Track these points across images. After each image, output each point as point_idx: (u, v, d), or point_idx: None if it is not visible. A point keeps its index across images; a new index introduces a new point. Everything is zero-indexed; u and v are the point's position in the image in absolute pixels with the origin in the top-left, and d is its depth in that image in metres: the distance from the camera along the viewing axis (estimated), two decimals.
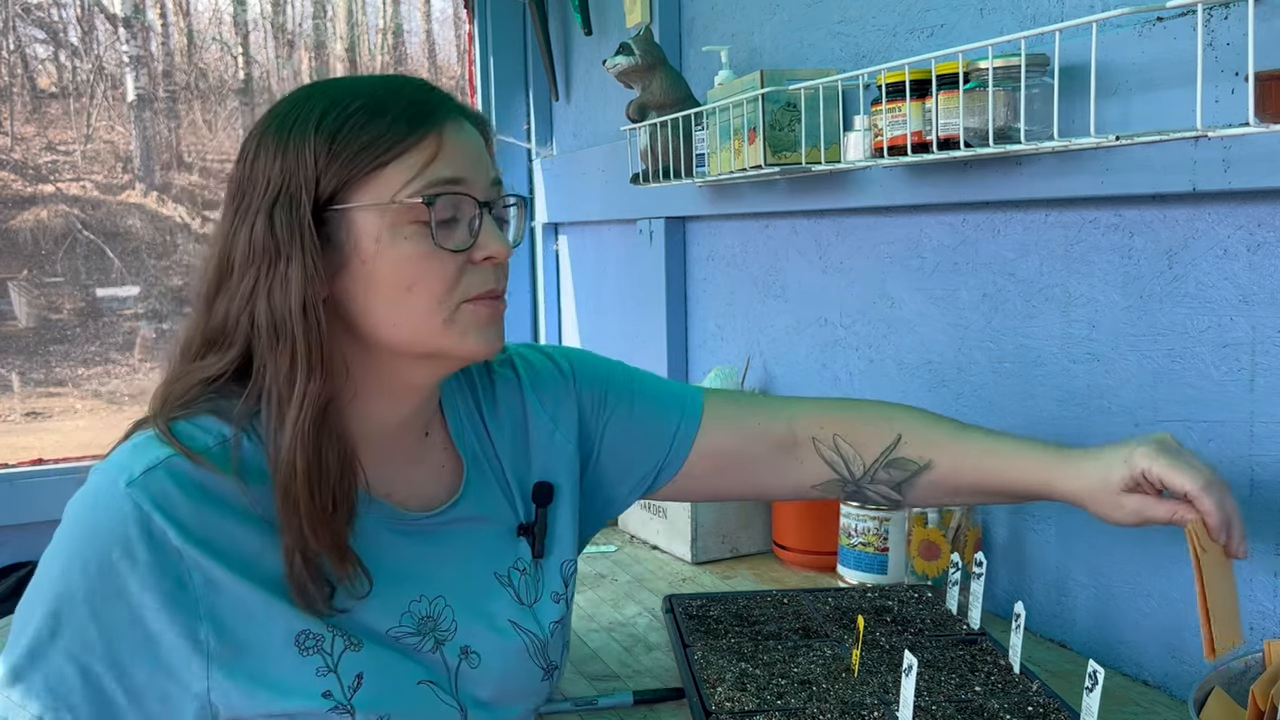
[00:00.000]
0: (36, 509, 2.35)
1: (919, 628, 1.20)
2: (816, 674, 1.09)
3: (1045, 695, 1.02)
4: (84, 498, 0.86)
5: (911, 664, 0.90)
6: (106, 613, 0.83)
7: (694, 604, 1.30)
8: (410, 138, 0.88)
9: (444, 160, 0.89)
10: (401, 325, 0.90)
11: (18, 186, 2.58)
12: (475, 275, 0.91)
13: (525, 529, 1.05)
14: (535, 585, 1.05)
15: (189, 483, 0.85)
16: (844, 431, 1.11)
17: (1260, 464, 1.07)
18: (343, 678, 0.88)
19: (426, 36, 3.12)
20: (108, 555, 0.83)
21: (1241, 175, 1.00)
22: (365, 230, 0.88)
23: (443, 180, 0.88)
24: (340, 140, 0.87)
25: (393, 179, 0.88)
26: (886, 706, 1.01)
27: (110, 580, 0.83)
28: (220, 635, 0.85)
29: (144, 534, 0.83)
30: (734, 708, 1.01)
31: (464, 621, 0.97)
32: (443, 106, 0.91)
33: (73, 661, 0.83)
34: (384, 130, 0.88)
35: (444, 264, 0.89)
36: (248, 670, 0.85)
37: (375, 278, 0.88)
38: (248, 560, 0.86)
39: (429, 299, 0.89)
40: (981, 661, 1.11)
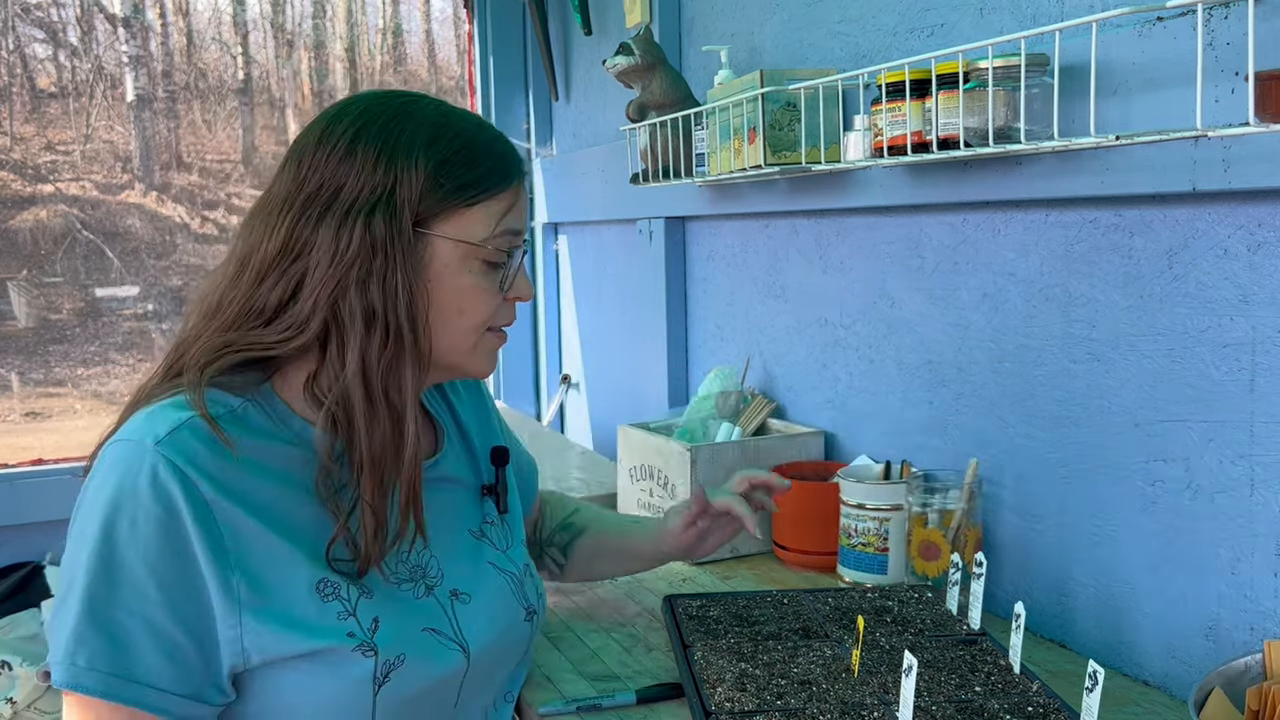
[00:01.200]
0: (36, 509, 2.35)
1: (919, 628, 1.20)
2: (816, 674, 1.09)
3: (1045, 695, 1.02)
4: (115, 463, 0.91)
5: (911, 664, 0.90)
6: (161, 565, 0.89)
7: (694, 604, 1.30)
8: (497, 188, 1.01)
9: (515, 213, 1.03)
10: (440, 340, 1.01)
11: (17, 186, 2.58)
12: (505, 310, 1.05)
13: (489, 489, 1.17)
14: (506, 534, 1.17)
15: (211, 440, 0.92)
16: (550, 501, 1.44)
17: (1260, 464, 1.07)
18: (361, 620, 0.96)
19: (426, 36, 3.12)
20: (151, 510, 0.88)
21: (1241, 175, 1.00)
22: (439, 255, 0.99)
23: (511, 230, 1.02)
24: (444, 173, 0.98)
25: (474, 219, 1.00)
26: (886, 707, 1.01)
27: (159, 534, 0.88)
28: (250, 583, 0.91)
29: (182, 486, 0.89)
30: (734, 708, 1.01)
31: (449, 568, 1.07)
32: (520, 165, 1.05)
33: (134, 616, 0.88)
34: (481, 176, 1.00)
35: (491, 299, 1.02)
36: (276, 614, 0.92)
37: (433, 297, 0.99)
38: (271, 512, 0.93)
39: (471, 325, 1.02)
40: (981, 662, 1.11)
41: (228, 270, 1.01)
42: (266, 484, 0.94)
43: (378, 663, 0.96)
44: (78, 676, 0.87)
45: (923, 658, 1.11)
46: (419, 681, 1.01)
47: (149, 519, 0.88)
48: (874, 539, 1.46)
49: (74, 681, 0.87)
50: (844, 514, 1.49)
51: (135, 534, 0.88)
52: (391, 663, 0.98)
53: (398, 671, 0.98)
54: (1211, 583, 1.13)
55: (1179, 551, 1.16)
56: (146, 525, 0.88)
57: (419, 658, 1.01)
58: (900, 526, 1.44)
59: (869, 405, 1.66)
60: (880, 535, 1.45)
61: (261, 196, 1.03)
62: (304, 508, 0.96)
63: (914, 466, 1.53)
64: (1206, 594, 1.13)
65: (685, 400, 2.17)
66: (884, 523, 1.45)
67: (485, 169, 1.01)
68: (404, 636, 0.99)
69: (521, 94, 2.82)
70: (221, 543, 0.90)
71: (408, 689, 0.99)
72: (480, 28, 2.81)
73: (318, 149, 0.98)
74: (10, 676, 2.14)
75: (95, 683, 0.87)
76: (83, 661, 0.87)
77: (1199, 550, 1.14)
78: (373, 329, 0.95)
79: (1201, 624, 1.14)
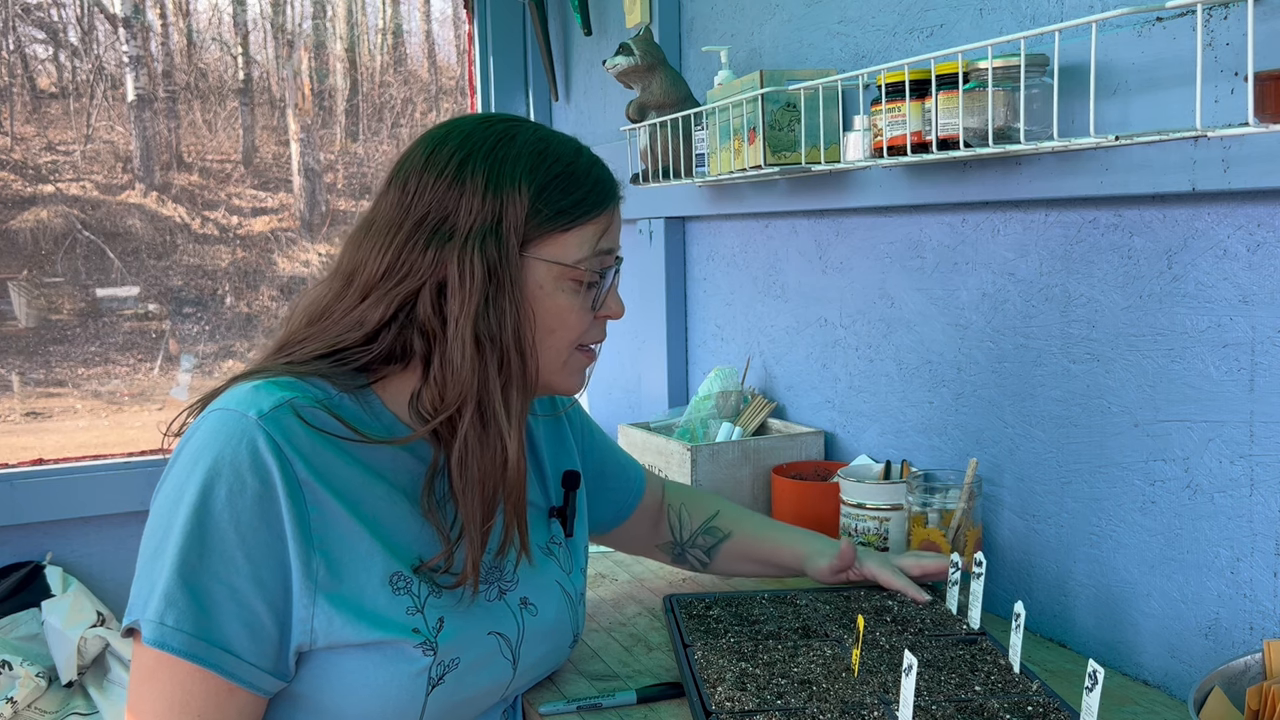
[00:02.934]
0: (36, 509, 2.36)
1: (919, 627, 1.20)
2: (816, 674, 1.09)
3: (1045, 695, 1.02)
4: (217, 430, 0.94)
5: (911, 664, 0.90)
6: (252, 536, 0.92)
7: (694, 603, 1.30)
8: (594, 212, 1.05)
9: (610, 236, 1.06)
10: (532, 358, 1.03)
11: (18, 186, 2.58)
12: (595, 328, 1.08)
13: (557, 511, 1.20)
14: (570, 558, 1.19)
15: (309, 423, 0.95)
16: (687, 503, 1.42)
17: (1260, 464, 1.07)
18: (428, 618, 0.99)
19: (426, 36, 3.12)
20: (249, 482, 0.91)
21: (1241, 175, 1.00)
22: (536, 276, 1.02)
23: (604, 251, 1.05)
24: (543, 198, 1.02)
25: (570, 242, 1.03)
26: (886, 706, 1.01)
27: (255, 505, 0.91)
28: (329, 565, 0.94)
29: (279, 463, 0.92)
30: (734, 707, 1.01)
31: (523, 575, 1.10)
32: (615, 188, 1.09)
33: (222, 584, 0.91)
34: (578, 201, 1.04)
35: (583, 317, 1.05)
36: (348, 600, 0.95)
37: (530, 316, 1.02)
38: (356, 500, 0.97)
39: (563, 343, 1.05)
40: (981, 661, 1.11)
41: (334, 284, 1.05)
42: (355, 472, 0.98)
43: (435, 662, 0.98)
44: (165, 636, 0.90)
45: (922, 657, 1.11)
46: (470, 687, 1.03)
47: (246, 491, 0.91)
48: (874, 539, 1.46)
49: (160, 640, 0.90)
50: (844, 514, 1.49)
51: (232, 504, 0.91)
52: (447, 665, 1.00)
53: (452, 674, 1.00)
54: (1211, 582, 1.13)
55: (1179, 551, 1.16)
56: (243, 497, 0.91)
57: (475, 662, 1.03)
58: (900, 526, 1.44)
59: (869, 405, 1.66)
60: (880, 535, 1.45)
61: (366, 214, 1.07)
62: (387, 500, 1.00)
63: (914, 466, 1.53)
64: (1206, 594, 1.13)
65: (685, 400, 2.17)
66: (884, 522, 1.45)
67: (582, 194, 1.04)
68: (465, 640, 1.01)
69: (521, 94, 2.83)
70: (309, 523, 0.93)
71: (460, 693, 1.01)
72: (480, 28, 2.81)
73: (424, 173, 1.02)
74: (10, 676, 2.15)
75: (180, 643, 0.90)
76: (170, 621, 0.90)
77: (1199, 550, 1.14)
78: (484, 352, 0.99)
79: (1201, 623, 1.14)
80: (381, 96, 3.03)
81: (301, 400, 0.96)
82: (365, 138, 2.99)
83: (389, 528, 0.99)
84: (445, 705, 1.00)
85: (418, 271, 0.99)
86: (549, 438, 1.26)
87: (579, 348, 1.07)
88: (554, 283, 1.03)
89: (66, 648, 2.20)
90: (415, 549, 1.01)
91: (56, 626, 2.22)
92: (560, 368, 1.06)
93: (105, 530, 2.42)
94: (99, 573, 2.43)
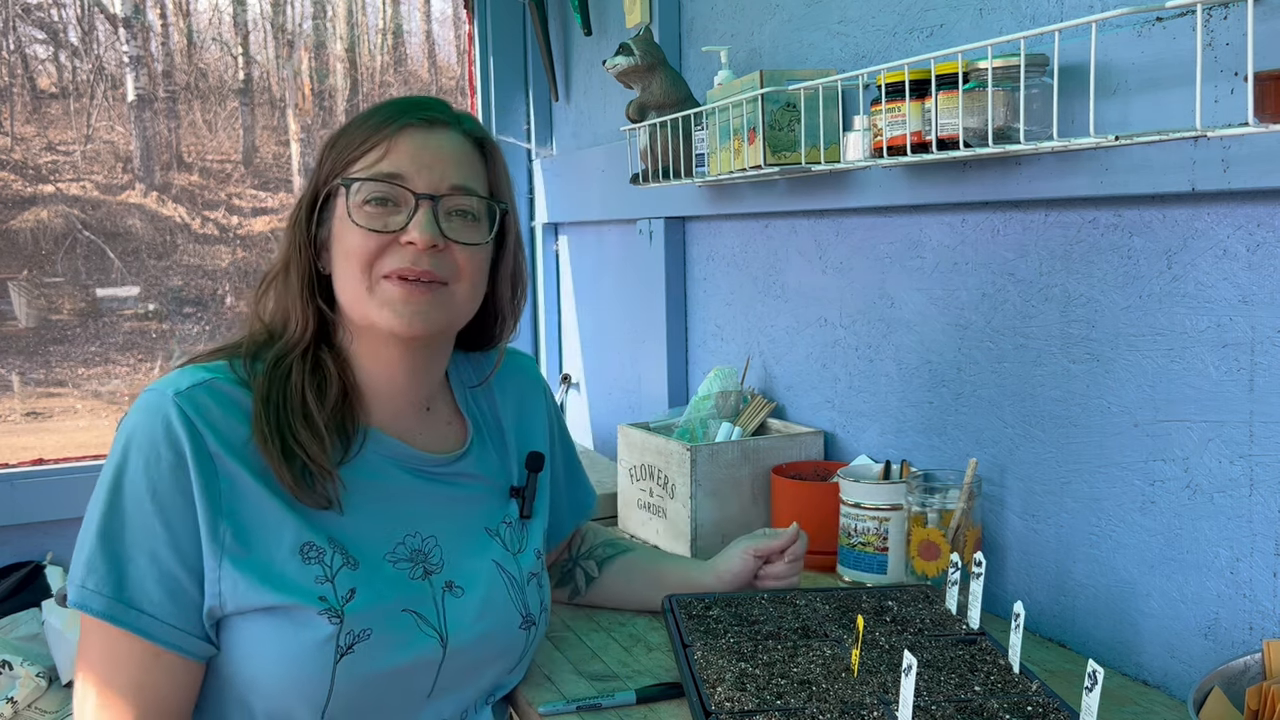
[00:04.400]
0: (36, 509, 2.35)
1: (919, 627, 1.20)
2: (816, 674, 1.09)
3: (1045, 695, 1.02)
4: (138, 409, 1.02)
5: (911, 664, 0.90)
6: (168, 503, 0.98)
7: (693, 604, 1.30)
8: (371, 139, 1.08)
9: (390, 158, 1.07)
10: (343, 289, 1.09)
11: (18, 186, 2.58)
12: (397, 253, 1.06)
13: (516, 491, 1.22)
14: (520, 538, 1.21)
15: (226, 400, 1.03)
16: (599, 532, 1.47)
17: (1260, 464, 1.07)
18: (338, 588, 1.03)
19: (426, 36, 3.12)
20: (162, 454, 0.99)
21: (1241, 175, 1.00)
22: (336, 211, 1.09)
23: (382, 174, 1.06)
24: (336, 144, 1.11)
25: (353, 173, 1.08)
26: (886, 706, 1.01)
27: (168, 475, 0.98)
28: (236, 533, 1.00)
29: (190, 436, 0.99)
30: (734, 707, 1.01)
31: (451, 560, 1.12)
32: (408, 114, 1.09)
33: (139, 549, 0.98)
34: (358, 133, 1.09)
35: (366, 239, 1.06)
36: (255, 565, 1.00)
37: (335, 251, 1.09)
38: (269, 474, 1.02)
39: (355, 267, 1.07)
40: (981, 661, 1.11)
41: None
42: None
43: (341, 631, 1.01)
44: (85, 598, 0.97)
45: (922, 657, 1.11)
46: (385, 660, 1.04)
47: (160, 461, 0.98)
48: (873, 539, 1.46)
49: (81, 602, 0.97)
50: (843, 514, 1.49)
51: (147, 474, 0.98)
52: (356, 635, 1.02)
53: (363, 644, 1.03)
54: (1211, 582, 1.13)
55: (1178, 551, 1.16)
56: (157, 467, 0.98)
57: (389, 636, 1.04)
58: (900, 526, 1.44)
59: (868, 405, 1.66)
60: (880, 535, 1.45)
61: None
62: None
63: (913, 466, 1.53)
64: (1206, 594, 1.13)
65: (685, 400, 2.17)
66: (883, 522, 1.45)
67: (366, 125, 1.09)
68: (377, 612, 1.04)
69: (521, 94, 2.82)
70: (219, 493, 1.00)
71: (373, 665, 1.03)
72: (480, 28, 2.81)
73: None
74: (10, 676, 2.14)
75: (100, 605, 0.97)
76: (91, 585, 0.97)
77: (1198, 550, 1.14)
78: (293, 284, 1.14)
79: (1201, 624, 1.14)
80: (381, 96, 3.03)
81: (222, 380, 1.04)
82: None
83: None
84: (361, 677, 1.03)
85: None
86: (517, 416, 1.28)
87: (386, 277, 1.06)
88: (345, 211, 1.07)
89: (66, 648, 2.19)
90: (336, 522, 1.05)
91: (56, 626, 2.21)
92: (367, 297, 1.07)
93: None
94: None
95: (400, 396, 1.15)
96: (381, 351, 1.12)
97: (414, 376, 1.15)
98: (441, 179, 1.08)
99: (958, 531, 1.33)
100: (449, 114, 1.12)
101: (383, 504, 1.10)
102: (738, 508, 1.68)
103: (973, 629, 1.19)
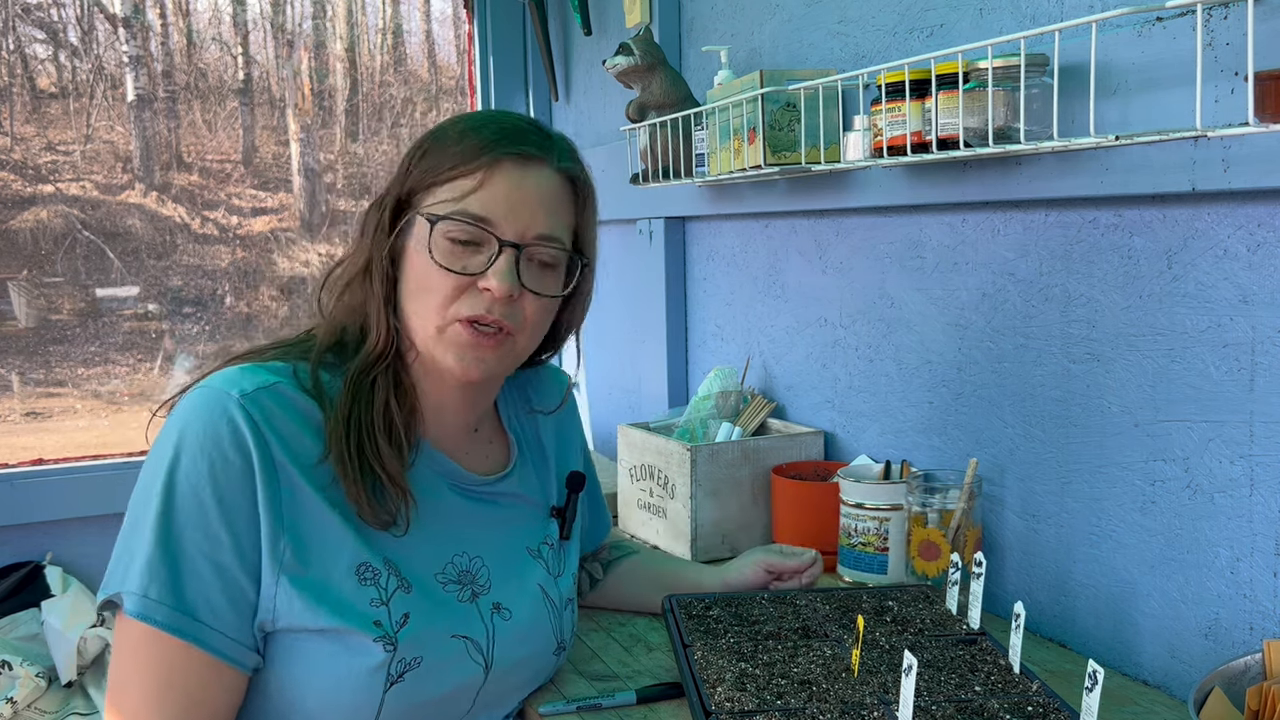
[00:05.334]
0: (36, 509, 2.35)
1: (919, 628, 1.20)
2: (816, 674, 1.09)
3: (1045, 695, 1.02)
4: (198, 406, 0.95)
5: (911, 664, 0.90)
6: (234, 510, 0.93)
7: (694, 604, 1.30)
8: (463, 165, 1.01)
9: (481, 194, 1.01)
10: (414, 317, 1.04)
11: (18, 186, 2.58)
12: (473, 298, 1.02)
13: (557, 511, 1.21)
14: (560, 561, 1.19)
15: (292, 409, 0.98)
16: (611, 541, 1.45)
17: (1260, 464, 1.07)
18: (392, 612, 0.99)
19: (426, 36, 3.12)
20: (231, 456, 0.93)
21: (1241, 175, 1.00)
22: (414, 233, 1.03)
23: (471, 216, 1.01)
24: (428, 153, 1.04)
25: (440, 196, 1.02)
26: (886, 706, 1.01)
27: (236, 480, 0.93)
28: (296, 549, 0.95)
29: (257, 442, 0.94)
30: (734, 708, 1.01)
31: (498, 581, 1.10)
32: (507, 146, 1.02)
33: (205, 557, 0.92)
34: (452, 152, 1.02)
35: (444, 279, 1.01)
36: (311, 584, 0.95)
37: (408, 274, 1.04)
38: (334, 489, 0.98)
39: (430, 304, 1.02)
40: (981, 661, 1.11)
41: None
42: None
43: (394, 659, 0.98)
44: (148, 609, 0.91)
45: (922, 657, 1.11)
46: (434, 688, 1.02)
47: (225, 464, 0.92)
48: (874, 539, 1.46)
49: (144, 613, 0.91)
50: (844, 514, 1.49)
51: (214, 478, 0.92)
52: (408, 663, 0.99)
53: (413, 673, 1.00)
54: (1211, 582, 1.13)
55: (1179, 551, 1.16)
56: (224, 470, 0.92)
57: (438, 663, 1.02)
58: (900, 526, 1.44)
59: (868, 405, 1.66)
60: (880, 535, 1.45)
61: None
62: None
63: (914, 466, 1.53)
64: (1206, 594, 1.13)
65: (685, 400, 2.17)
66: (884, 522, 1.45)
67: (462, 146, 1.03)
68: (428, 639, 1.01)
69: (521, 94, 2.82)
70: (280, 504, 0.95)
71: (421, 693, 1.00)
72: (480, 28, 2.81)
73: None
74: (10, 676, 2.14)
75: (164, 617, 0.91)
76: (154, 594, 0.91)
77: (1199, 550, 1.14)
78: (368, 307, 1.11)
79: (1201, 624, 1.14)
80: (381, 96, 3.03)
81: (285, 385, 0.98)
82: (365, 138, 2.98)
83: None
84: (407, 704, 0.99)
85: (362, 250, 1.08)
86: (557, 436, 1.26)
87: (460, 321, 1.02)
88: (422, 240, 1.02)
89: (66, 648, 2.19)
90: (391, 542, 1.01)
91: (56, 626, 2.21)
92: (435, 336, 1.03)
93: (105, 530, 2.40)
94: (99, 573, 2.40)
95: (452, 417, 1.12)
96: (440, 379, 1.08)
97: (467, 404, 1.13)
98: (529, 227, 1.03)
99: (958, 531, 1.33)
100: (546, 147, 1.06)
101: (435, 523, 1.07)
102: (738, 508, 1.68)
103: (973, 629, 1.18)
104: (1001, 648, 1.13)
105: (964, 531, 1.34)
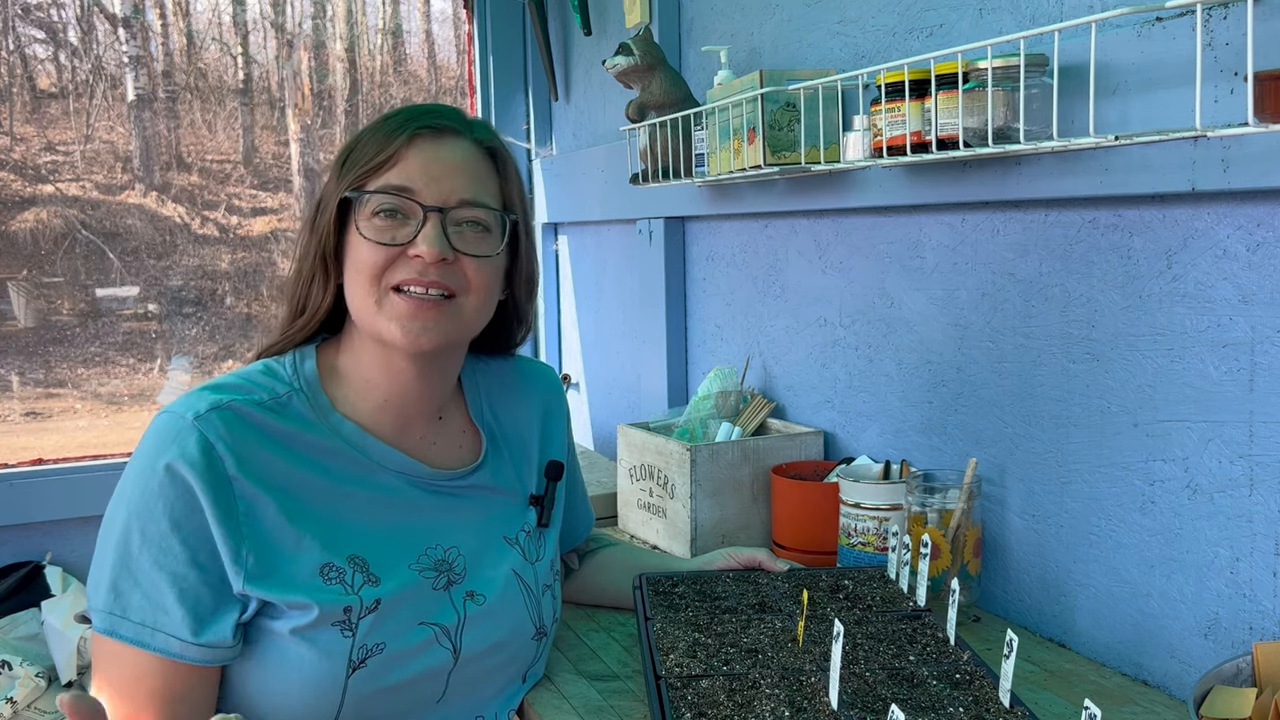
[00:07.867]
0: (36, 509, 2.35)
1: (868, 604, 1.24)
2: (764, 644, 1.12)
3: (974, 664, 1.05)
4: (157, 430, 1.02)
5: (839, 631, 0.95)
6: (185, 524, 0.98)
7: (662, 582, 1.32)
8: (383, 151, 1.07)
9: (399, 169, 1.07)
10: (352, 300, 1.09)
11: (17, 186, 2.58)
12: (404, 266, 1.06)
13: (536, 499, 1.22)
14: (538, 547, 1.21)
15: (243, 423, 1.02)
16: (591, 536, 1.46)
17: (1259, 464, 1.07)
18: (363, 602, 1.04)
19: (426, 36, 3.12)
20: (182, 476, 0.98)
21: (1241, 175, 1.00)
22: (348, 224, 1.09)
23: (391, 186, 1.06)
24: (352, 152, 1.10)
25: (368, 182, 1.07)
26: (823, 673, 1.04)
27: (186, 497, 0.98)
28: (258, 556, 1.00)
29: (207, 459, 0.99)
30: (682, 672, 1.05)
31: (473, 569, 1.13)
32: (418, 123, 1.08)
33: (162, 570, 0.98)
34: (373, 141, 1.09)
35: (374, 252, 1.06)
36: (278, 587, 1.01)
37: (347, 264, 1.09)
38: (292, 496, 1.03)
39: (364, 279, 1.06)
40: (920, 635, 1.14)
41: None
42: (293, 469, 1.04)
43: (354, 646, 1.02)
44: (113, 624, 0.99)
45: (867, 630, 1.15)
46: (398, 672, 1.05)
47: (176, 484, 0.98)
48: (873, 539, 1.46)
49: (110, 629, 0.99)
50: (843, 513, 1.49)
51: (164, 496, 0.98)
52: (369, 649, 1.03)
53: (376, 659, 1.03)
54: (1211, 582, 1.13)
55: (1178, 551, 1.16)
56: (174, 489, 0.98)
57: (401, 649, 1.05)
58: (900, 526, 1.44)
59: (868, 405, 1.66)
60: (880, 535, 1.45)
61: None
62: (325, 495, 1.05)
63: (913, 466, 1.53)
64: (1206, 594, 1.13)
65: (685, 400, 2.17)
66: (884, 522, 1.45)
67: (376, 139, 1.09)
68: (392, 626, 1.05)
69: (521, 94, 2.82)
70: (237, 516, 0.99)
71: (385, 679, 1.04)
72: (480, 28, 2.81)
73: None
74: (10, 676, 2.14)
75: (128, 631, 0.98)
76: (118, 610, 0.98)
77: (1198, 550, 1.14)
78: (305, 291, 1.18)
79: (1201, 624, 1.14)
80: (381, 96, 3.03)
81: (240, 402, 1.03)
82: None
83: (330, 520, 1.05)
84: (372, 689, 1.03)
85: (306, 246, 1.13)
86: (541, 428, 1.28)
87: (395, 290, 1.06)
88: (354, 223, 1.07)
89: (66, 648, 2.20)
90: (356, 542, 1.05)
91: (56, 626, 2.21)
92: (375, 310, 1.07)
93: None
94: None
95: (411, 407, 1.14)
96: (390, 362, 1.11)
97: (424, 387, 1.14)
98: (451, 191, 1.07)
99: (957, 531, 1.33)
100: (460, 122, 1.11)
101: (402, 519, 1.10)
102: (738, 508, 1.68)
103: (918, 606, 1.21)
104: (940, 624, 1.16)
105: (963, 531, 1.34)
